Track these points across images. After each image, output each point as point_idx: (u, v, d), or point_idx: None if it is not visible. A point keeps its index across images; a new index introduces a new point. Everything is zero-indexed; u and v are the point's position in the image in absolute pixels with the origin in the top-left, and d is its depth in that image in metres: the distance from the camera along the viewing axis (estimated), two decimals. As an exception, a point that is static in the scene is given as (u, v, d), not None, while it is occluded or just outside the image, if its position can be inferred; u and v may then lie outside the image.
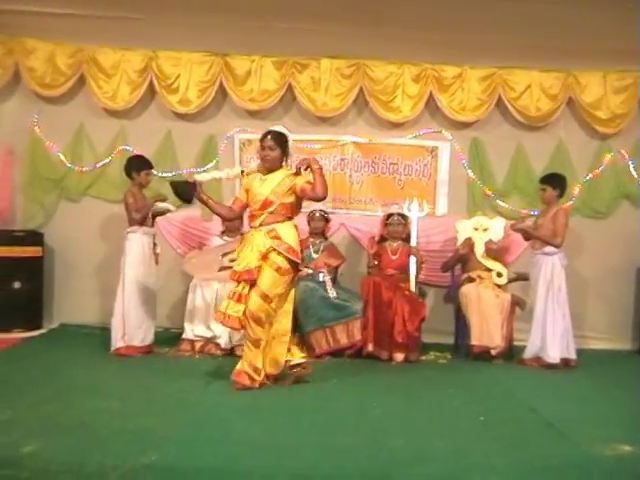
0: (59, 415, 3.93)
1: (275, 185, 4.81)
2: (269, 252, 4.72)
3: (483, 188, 7.18)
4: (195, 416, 4.07)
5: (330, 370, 5.61)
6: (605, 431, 4.04)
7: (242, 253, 4.81)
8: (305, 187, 4.77)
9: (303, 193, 4.80)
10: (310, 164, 4.77)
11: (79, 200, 7.19)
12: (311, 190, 4.75)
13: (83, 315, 7.06)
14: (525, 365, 6.01)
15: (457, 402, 4.70)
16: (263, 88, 7.04)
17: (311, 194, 4.77)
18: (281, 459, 3.38)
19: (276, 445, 3.57)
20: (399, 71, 7.06)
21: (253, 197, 4.87)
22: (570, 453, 3.65)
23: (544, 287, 5.99)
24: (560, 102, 7.06)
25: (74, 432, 3.62)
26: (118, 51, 6.97)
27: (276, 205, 4.78)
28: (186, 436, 3.66)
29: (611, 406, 4.71)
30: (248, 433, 3.75)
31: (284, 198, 4.81)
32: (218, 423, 3.92)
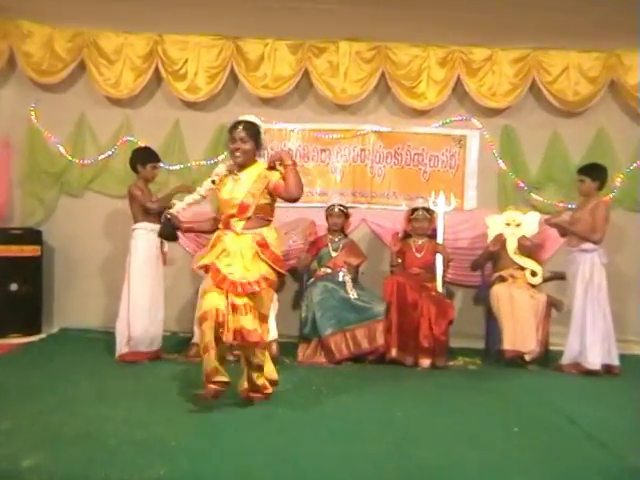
0: (62, 425, 3.95)
1: (250, 185, 4.50)
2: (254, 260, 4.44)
3: (515, 180, 7.17)
4: (207, 425, 4.08)
5: (351, 377, 5.61)
6: (650, 443, 4.02)
7: (227, 259, 4.42)
8: (278, 185, 4.46)
9: (276, 191, 4.48)
10: (282, 158, 4.51)
11: (80, 195, 7.25)
12: (284, 189, 4.44)
13: (85, 319, 7.11)
14: (563, 372, 5.98)
15: (488, 411, 4.69)
16: (277, 74, 7.07)
17: (283, 193, 4.46)
18: (300, 471, 3.39)
19: (294, 456, 3.58)
20: (424, 54, 7.07)
21: (227, 201, 4.52)
22: (612, 467, 3.63)
23: (582, 287, 5.97)
24: (601, 85, 7.03)
25: (78, 443, 3.64)
26: (121, 35, 7.01)
27: (253, 208, 4.46)
28: (198, 447, 3.67)
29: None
30: (264, 443, 3.76)
31: (261, 199, 4.48)
32: (232, 433, 3.93)
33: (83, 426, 3.93)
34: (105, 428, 3.90)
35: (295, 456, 3.58)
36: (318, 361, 6.13)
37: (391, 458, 3.61)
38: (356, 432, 4.06)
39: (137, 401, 4.59)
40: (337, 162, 7.34)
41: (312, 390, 5.11)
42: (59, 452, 3.51)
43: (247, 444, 3.75)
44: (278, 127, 7.27)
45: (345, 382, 5.38)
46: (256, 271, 4.39)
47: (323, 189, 7.34)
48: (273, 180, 4.49)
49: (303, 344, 6.26)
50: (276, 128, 7.26)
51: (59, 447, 3.58)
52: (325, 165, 7.36)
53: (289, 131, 7.30)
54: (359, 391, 5.14)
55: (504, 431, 4.20)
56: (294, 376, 5.53)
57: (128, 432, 3.85)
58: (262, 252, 4.44)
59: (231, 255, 4.43)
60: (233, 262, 4.41)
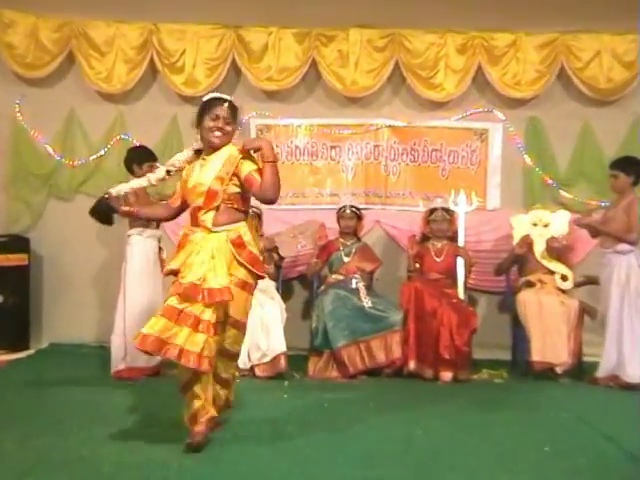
0: (51, 449, 3.91)
1: (219, 168, 4.06)
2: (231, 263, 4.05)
3: (543, 176, 7.14)
4: (212, 447, 4.03)
5: (366, 393, 5.58)
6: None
7: (189, 260, 4.01)
8: (251, 178, 4.03)
9: (247, 185, 4.05)
10: (262, 150, 4.03)
11: (71, 199, 7.24)
12: (258, 187, 4.00)
13: (77, 333, 7.09)
14: (598, 385, 5.94)
15: (517, 429, 4.63)
16: (282, 65, 7.07)
17: (257, 191, 4.03)
18: (313, 497, 3.35)
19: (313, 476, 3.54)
20: (441, 41, 7.06)
21: (193, 189, 4.13)
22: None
23: (618, 292, 5.93)
24: (637, 70, 6.98)
25: (69, 469, 3.60)
26: (112, 24, 7.01)
27: (221, 196, 4.06)
28: (202, 471, 3.63)
29: None
30: (273, 466, 3.73)
31: (231, 186, 4.07)
32: (239, 455, 3.90)
33: (75, 450, 3.89)
34: (99, 452, 3.86)
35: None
36: (330, 376, 6.10)
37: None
38: (374, 453, 4.01)
39: (135, 421, 4.55)
40: (348, 160, 7.31)
41: (324, 407, 5.08)
42: (49, 478, 3.46)
43: (254, 467, 3.71)
44: (284, 123, 7.26)
45: (360, 398, 5.35)
46: (226, 276, 3.96)
47: (333, 189, 7.31)
48: (245, 170, 4.04)
49: (314, 357, 6.23)
50: (282, 124, 7.25)
51: (48, 473, 3.54)
52: (335, 163, 7.33)
53: (296, 127, 7.29)
54: (375, 408, 5.10)
55: (535, 452, 4.14)
56: (305, 392, 5.51)
57: (125, 456, 3.81)
58: (239, 253, 4.04)
59: (195, 255, 4.01)
60: (195, 262, 3.97)
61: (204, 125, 4.10)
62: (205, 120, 4.09)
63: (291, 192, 7.25)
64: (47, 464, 3.67)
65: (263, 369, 5.97)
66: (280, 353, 5.95)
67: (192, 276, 3.91)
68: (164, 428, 4.39)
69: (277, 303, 6.19)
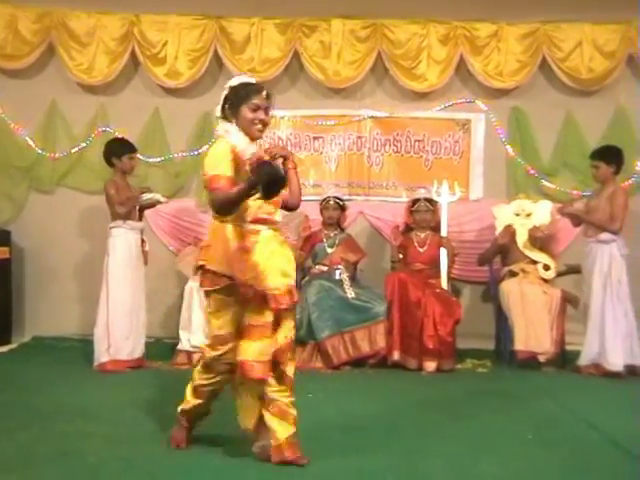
0: (36, 443, 3.89)
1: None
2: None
3: (525, 166, 7.15)
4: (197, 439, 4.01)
5: (350, 383, 5.59)
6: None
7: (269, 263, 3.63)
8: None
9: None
10: (288, 159, 3.78)
11: (52, 191, 7.20)
12: (289, 194, 3.81)
13: (60, 326, 7.05)
14: (581, 373, 5.98)
15: (501, 418, 4.65)
16: (265, 56, 7.05)
17: (289, 199, 3.84)
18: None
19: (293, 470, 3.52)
20: (423, 31, 7.05)
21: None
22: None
23: (600, 281, 5.96)
24: (618, 61, 7.01)
25: (55, 463, 3.58)
26: (93, 15, 6.97)
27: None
28: (188, 463, 3.62)
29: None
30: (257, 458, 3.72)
31: None
32: (226, 447, 3.87)
33: (60, 444, 3.87)
34: (84, 445, 3.84)
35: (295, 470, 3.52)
36: (315, 366, 6.11)
37: (398, 471, 3.56)
38: (359, 443, 4.01)
39: (119, 414, 4.53)
40: (331, 151, 7.30)
41: (309, 398, 5.05)
42: (34, 473, 3.44)
43: (241, 458, 3.69)
44: (267, 114, 7.22)
45: (344, 389, 5.36)
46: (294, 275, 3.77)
47: (317, 180, 7.30)
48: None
49: (298, 348, 6.19)
50: (264, 115, 7.21)
51: (33, 467, 3.51)
52: (318, 154, 7.32)
53: (279, 118, 7.25)
54: (360, 398, 5.12)
55: (520, 440, 4.16)
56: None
57: (110, 449, 3.79)
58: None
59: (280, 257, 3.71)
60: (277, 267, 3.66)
61: (242, 114, 3.66)
62: (243, 110, 3.66)
63: (274, 184, 7.23)
64: (31, 458, 3.64)
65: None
66: (264, 344, 5.94)
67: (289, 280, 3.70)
68: (149, 421, 4.39)
69: (261, 295, 6.18)
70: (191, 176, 7.18)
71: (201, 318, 6.06)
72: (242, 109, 3.65)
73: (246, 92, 3.69)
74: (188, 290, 6.20)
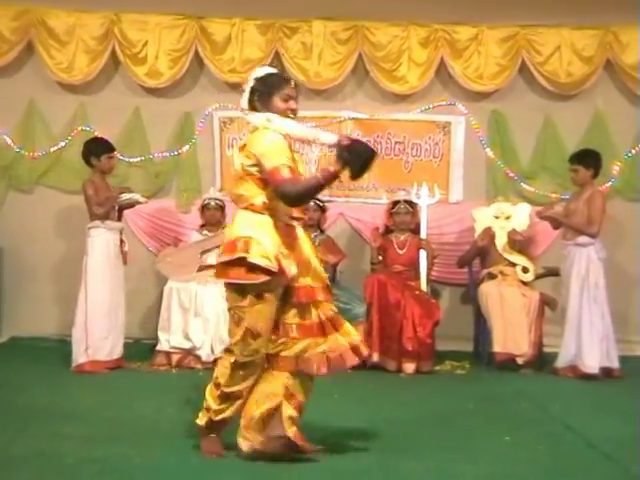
0: (11, 444, 3.86)
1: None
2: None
3: (505, 169, 7.18)
4: (174, 440, 4.01)
5: (330, 384, 5.56)
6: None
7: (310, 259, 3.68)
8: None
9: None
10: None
11: (31, 191, 7.16)
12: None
13: (38, 326, 7.01)
14: (558, 375, 6.01)
15: (480, 419, 4.68)
16: (246, 57, 7.03)
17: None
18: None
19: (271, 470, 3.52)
20: (404, 34, 7.06)
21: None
22: (616, 477, 3.62)
23: (578, 284, 5.99)
24: (596, 65, 7.06)
25: (30, 464, 3.55)
26: (72, 13, 6.92)
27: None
28: (165, 464, 3.60)
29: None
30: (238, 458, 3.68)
31: None
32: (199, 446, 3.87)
33: (36, 445, 3.83)
34: (61, 446, 3.81)
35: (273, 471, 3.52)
36: (294, 368, 6.09)
37: (376, 473, 3.57)
38: (338, 444, 4.01)
39: (97, 416, 4.50)
40: (312, 152, 7.29)
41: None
42: (9, 474, 3.41)
43: (220, 460, 3.69)
44: (247, 114, 7.21)
45: (323, 390, 5.32)
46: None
47: (297, 181, 7.28)
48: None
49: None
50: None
51: (9, 469, 3.48)
52: (299, 156, 7.25)
53: (259, 119, 7.23)
54: (338, 400, 5.11)
55: (498, 442, 4.17)
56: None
57: (88, 450, 3.76)
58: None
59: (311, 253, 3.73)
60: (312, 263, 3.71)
61: (275, 105, 3.68)
62: (275, 100, 3.68)
63: (254, 184, 7.23)
64: (7, 459, 3.60)
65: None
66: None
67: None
68: (127, 422, 4.36)
69: (240, 295, 6.17)
70: (171, 176, 7.17)
71: (180, 318, 6.05)
72: (274, 100, 3.67)
73: (277, 83, 3.72)
74: (167, 290, 6.17)
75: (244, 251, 3.49)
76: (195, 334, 5.98)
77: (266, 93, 3.67)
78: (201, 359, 6.00)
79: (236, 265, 3.52)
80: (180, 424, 4.34)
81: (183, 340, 6.05)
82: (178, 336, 6.05)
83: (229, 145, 7.20)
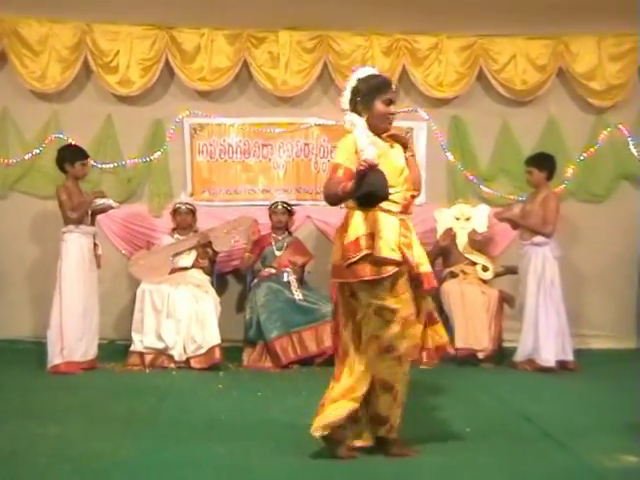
0: (-14, 445, 3.83)
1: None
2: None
3: (465, 172, 7.22)
4: (147, 438, 4.00)
5: (298, 382, 5.60)
6: (608, 441, 4.05)
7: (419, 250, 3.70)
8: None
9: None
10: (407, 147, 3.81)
11: (6, 196, 7.08)
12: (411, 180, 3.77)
13: (14, 329, 6.93)
14: (517, 369, 6.06)
15: (442, 412, 4.69)
16: (215, 66, 7.00)
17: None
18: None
19: (240, 467, 3.53)
20: (367, 43, 7.08)
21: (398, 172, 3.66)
22: (569, 465, 3.65)
23: (535, 281, 6.04)
24: (549, 73, 7.13)
25: (4, 463, 3.51)
26: (45, 23, 6.85)
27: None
28: (138, 462, 3.58)
29: (614, 413, 4.71)
30: (209, 455, 3.70)
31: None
32: (174, 444, 3.86)
33: (9, 444, 3.79)
34: (35, 446, 3.78)
35: (242, 468, 3.52)
36: (264, 366, 6.11)
37: (343, 467, 3.57)
38: (305, 440, 4.00)
39: (71, 416, 4.47)
40: (280, 157, 7.30)
41: (258, 396, 5.07)
42: (-18, 473, 3.39)
43: (192, 456, 3.68)
44: (217, 122, 7.21)
45: (293, 387, 5.36)
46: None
47: (266, 186, 7.29)
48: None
49: (248, 348, 6.24)
50: (215, 123, 7.20)
51: (-18, 468, 3.46)
52: (267, 161, 7.31)
53: (228, 126, 7.23)
54: (308, 396, 5.07)
55: (459, 432, 4.20)
56: (239, 382, 5.53)
57: (61, 449, 3.74)
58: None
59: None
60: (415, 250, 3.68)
61: (377, 108, 3.63)
62: (377, 103, 3.63)
63: (224, 189, 7.23)
64: (-20, 459, 3.59)
65: (198, 361, 5.94)
66: (215, 345, 5.93)
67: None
68: (101, 422, 4.33)
69: (211, 297, 6.16)
70: (143, 182, 7.12)
71: (153, 320, 6.02)
72: (376, 103, 3.63)
73: (380, 86, 3.68)
74: (140, 293, 6.12)
75: (369, 247, 3.48)
76: (168, 335, 5.95)
77: (369, 95, 3.64)
78: (174, 359, 5.98)
79: (361, 263, 3.49)
80: (153, 423, 4.33)
81: (156, 341, 6.01)
82: (151, 337, 6.01)
83: (199, 151, 7.18)
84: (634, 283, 7.33)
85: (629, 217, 7.19)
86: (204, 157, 7.24)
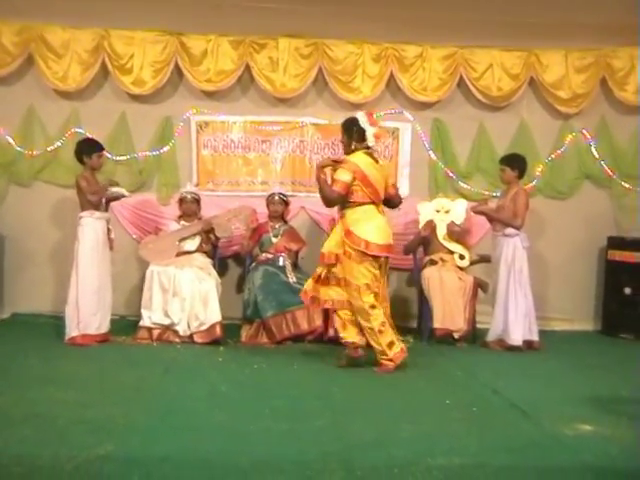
0: (11, 407, 3.87)
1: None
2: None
3: (445, 169, 7.24)
4: (154, 404, 4.05)
5: (291, 355, 5.63)
6: (567, 411, 4.14)
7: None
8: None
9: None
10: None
11: (30, 185, 7.06)
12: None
13: (36, 304, 6.95)
14: (488, 348, 6.11)
15: (420, 385, 4.77)
16: (220, 68, 6.98)
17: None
18: (243, 445, 3.39)
19: (238, 431, 3.58)
20: (359, 51, 7.06)
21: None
22: (532, 433, 3.73)
23: (505, 269, 6.07)
24: (522, 82, 7.15)
25: (27, 424, 3.57)
26: (68, 29, 6.83)
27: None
28: (145, 425, 3.64)
29: (573, 387, 4.81)
30: (210, 420, 3.76)
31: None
32: (178, 411, 3.91)
33: (32, 407, 3.86)
34: (54, 409, 3.83)
35: (240, 432, 3.58)
36: (260, 341, 6.12)
37: (329, 432, 3.64)
38: (296, 407, 4.08)
39: (87, 383, 4.52)
40: (277, 153, 7.29)
41: (254, 369, 5.11)
42: (8, 432, 3.43)
43: (194, 421, 3.73)
44: (221, 119, 7.19)
45: (286, 361, 5.40)
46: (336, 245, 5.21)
47: (264, 178, 7.28)
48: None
49: (246, 325, 6.25)
50: (219, 120, 7.19)
51: (8, 428, 3.50)
52: (266, 155, 7.31)
53: (231, 123, 7.21)
54: (299, 369, 5.17)
55: (435, 404, 4.27)
56: (237, 356, 5.55)
57: (77, 412, 3.79)
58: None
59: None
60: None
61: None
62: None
63: (226, 180, 7.22)
64: (6, 420, 3.63)
65: (201, 336, 5.96)
66: (216, 322, 5.95)
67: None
68: (113, 389, 4.38)
69: (213, 278, 6.16)
70: (153, 173, 7.10)
71: (160, 298, 6.03)
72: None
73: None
74: (149, 273, 6.13)
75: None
76: (173, 312, 5.96)
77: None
78: (179, 334, 5.99)
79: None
80: (160, 390, 4.37)
81: (163, 317, 6.03)
82: (158, 313, 6.02)
83: (204, 146, 7.17)
84: (593, 272, 7.38)
85: (590, 213, 7.28)
86: (209, 151, 7.23)
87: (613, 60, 7.12)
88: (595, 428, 3.81)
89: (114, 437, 3.39)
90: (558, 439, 3.63)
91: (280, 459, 3.26)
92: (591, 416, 4.03)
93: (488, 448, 3.47)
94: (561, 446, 3.52)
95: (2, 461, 3.08)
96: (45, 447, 3.23)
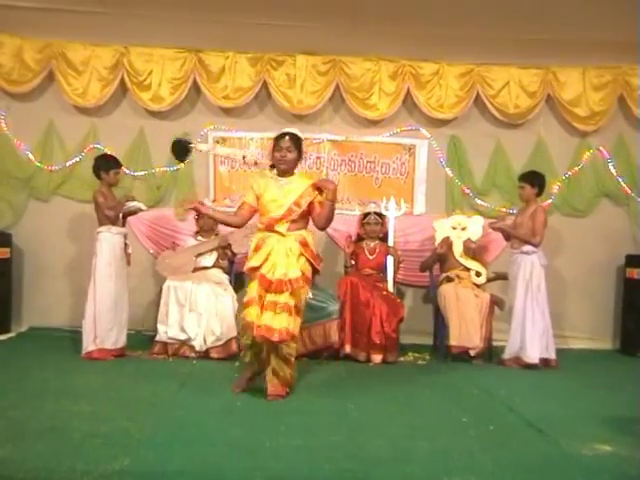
0: (28, 420, 3.87)
1: (297, 197, 4.65)
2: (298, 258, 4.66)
3: (461, 186, 7.24)
4: (169, 419, 4.04)
5: (307, 372, 5.61)
6: (585, 431, 4.09)
7: (272, 258, 4.61)
8: (316, 207, 4.70)
9: (312, 209, 4.72)
10: (331, 192, 4.59)
11: (49, 200, 7.12)
12: (316, 215, 4.71)
13: (53, 318, 6.99)
14: (504, 365, 6.07)
15: (436, 403, 4.73)
16: (237, 85, 7.03)
17: (315, 218, 4.74)
18: (259, 461, 3.37)
19: (253, 447, 3.56)
20: (376, 67, 7.09)
21: (270, 203, 4.68)
22: (549, 452, 3.69)
23: (523, 286, 6.04)
24: (539, 99, 7.15)
25: (44, 437, 3.58)
26: (88, 47, 6.92)
27: (296, 215, 4.67)
28: (161, 439, 3.63)
29: (591, 406, 4.75)
30: (225, 435, 3.74)
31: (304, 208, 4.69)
32: (193, 426, 3.90)
33: (48, 421, 3.86)
34: (70, 422, 3.84)
35: (255, 447, 3.56)
36: (276, 357, 6.09)
37: (344, 448, 3.61)
38: (311, 424, 4.05)
39: (102, 397, 4.52)
40: (261, 158, 7.32)
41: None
42: (25, 446, 3.43)
43: (209, 436, 3.72)
44: (238, 135, 7.23)
45: (301, 377, 5.36)
46: (298, 269, 4.62)
47: (281, 195, 7.29)
48: (316, 201, 4.69)
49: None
50: (236, 136, 7.23)
51: (25, 441, 3.51)
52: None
53: (248, 139, 7.26)
54: (315, 385, 5.14)
55: (451, 421, 4.23)
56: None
57: (93, 426, 3.79)
58: (305, 251, 4.67)
59: (274, 255, 4.61)
60: (278, 262, 4.59)
61: (273, 156, 4.75)
62: (274, 152, 4.74)
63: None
64: (23, 433, 3.63)
65: (217, 351, 5.97)
66: (232, 337, 5.95)
67: (278, 273, 4.55)
68: (128, 403, 4.38)
69: (229, 294, 6.16)
70: (170, 188, 7.16)
71: (176, 313, 6.04)
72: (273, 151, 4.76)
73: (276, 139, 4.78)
74: (165, 288, 6.15)
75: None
76: (190, 327, 5.97)
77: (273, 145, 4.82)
78: (195, 349, 5.99)
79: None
80: (175, 405, 4.37)
81: (179, 332, 6.03)
82: (175, 328, 6.02)
83: (221, 162, 7.22)
84: (611, 290, 7.34)
85: (608, 230, 7.24)
86: (225, 168, 7.27)
87: (631, 78, 7.11)
88: (613, 449, 3.75)
89: (130, 451, 3.38)
90: (576, 459, 3.58)
91: (295, 475, 3.24)
92: (609, 436, 3.97)
93: (504, 466, 3.43)
94: (579, 466, 3.47)
95: (18, 476, 3.07)
96: (61, 461, 3.23)
